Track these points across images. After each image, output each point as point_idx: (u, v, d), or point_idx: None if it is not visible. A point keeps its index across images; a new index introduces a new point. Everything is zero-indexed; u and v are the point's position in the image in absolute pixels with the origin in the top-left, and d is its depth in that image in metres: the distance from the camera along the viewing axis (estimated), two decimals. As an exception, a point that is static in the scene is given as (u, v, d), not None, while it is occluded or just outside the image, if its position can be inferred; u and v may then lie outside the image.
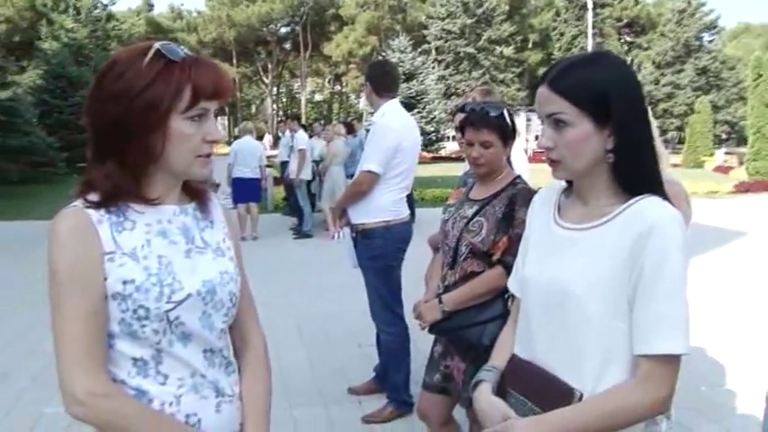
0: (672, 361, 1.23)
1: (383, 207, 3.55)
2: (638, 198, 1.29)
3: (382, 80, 3.70)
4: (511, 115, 2.39)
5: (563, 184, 1.46)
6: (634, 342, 1.24)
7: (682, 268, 1.24)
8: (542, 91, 1.31)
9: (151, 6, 55.26)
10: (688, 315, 1.24)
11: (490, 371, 1.49)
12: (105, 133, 1.19)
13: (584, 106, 1.27)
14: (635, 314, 1.24)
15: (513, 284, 1.57)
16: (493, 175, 2.37)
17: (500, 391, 1.43)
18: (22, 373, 4.24)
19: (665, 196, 1.31)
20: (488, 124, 2.31)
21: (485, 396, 1.43)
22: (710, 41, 41.99)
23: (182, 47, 1.22)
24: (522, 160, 3.42)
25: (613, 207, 1.31)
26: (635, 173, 1.30)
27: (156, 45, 1.19)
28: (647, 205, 1.28)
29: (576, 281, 1.28)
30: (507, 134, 2.35)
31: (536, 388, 1.35)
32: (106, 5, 36.17)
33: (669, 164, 2.14)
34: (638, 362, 1.24)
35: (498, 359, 1.51)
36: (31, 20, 40.00)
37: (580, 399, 1.27)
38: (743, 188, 16.67)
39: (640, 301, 1.24)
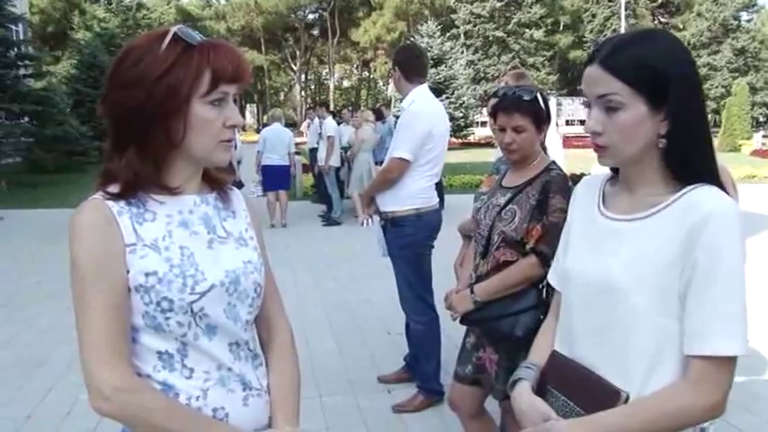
0: (727, 362, 1.14)
1: (413, 194, 3.50)
2: (691, 187, 1.20)
3: (412, 65, 3.63)
4: (545, 99, 2.31)
5: (608, 172, 1.38)
6: (686, 341, 1.16)
7: (740, 263, 1.15)
8: (593, 70, 1.21)
9: (181, -6, 55.74)
10: (746, 313, 1.15)
11: (529, 368, 1.41)
12: (125, 121, 1.16)
13: (639, 87, 1.17)
14: (687, 311, 1.16)
15: (552, 277, 1.50)
16: (526, 162, 2.30)
17: (540, 389, 1.36)
18: (57, 359, 4.31)
19: (720, 185, 1.21)
20: (520, 108, 2.22)
21: (524, 396, 1.35)
22: (749, 21, 40.89)
23: (196, 32, 1.19)
24: (557, 146, 3.34)
25: (664, 197, 1.22)
26: (690, 160, 1.21)
27: (174, 29, 1.16)
28: (702, 195, 1.18)
29: (624, 274, 1.20)
30: (541, 119, 2.27)
31: (579, 388, 1.27)
32: (136, -5, 36.60)
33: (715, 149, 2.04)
34: (690, 362, 1.16)
35: (537, 355, 1.43)
36: (63, 10, 40.78)
37: (626, 400, 1.19)
38: (782, 172, 16.22)
39: (694, 298, 1.15)
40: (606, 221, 1.30)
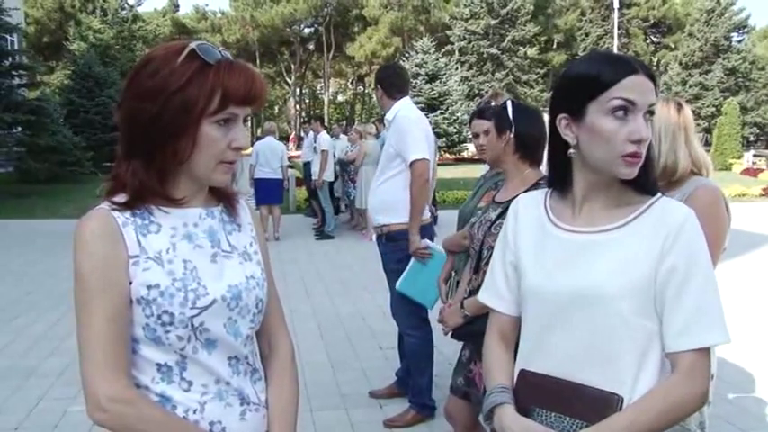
0: (708, 351, 1.23)
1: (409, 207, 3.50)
2: (655, 197, 1.29)
3: (394, 82, 3.66)
4: (516, 106, 2.35)
5: (544, 189, 1.44)
6: (672, 339, 1.22)
7: (710, 262, 1.25)
8: (645, 80, 1.23)
9: (177, 7, 55.86)
10: (722, 305, 1.24)
11: (504, 391, 1.35)
12: (135, 133, 1.17)
13: None
14: (670, 311, 1.22)
15: (493, 299, 1.48)
16: (497, 165, 2.47)
17: (520, 410, 1.32)
18: (48, 370, 4.29)
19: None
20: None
21: (515, 420, 1.29)
22: (740, 41, 41.18)
23: (221, 48, 1.18)
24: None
25: (632, 207, 1.28)
26: (648, 172, 1.29)
27: (192, 45, 1.16)
28: (669, 204, 1.28)
29: (610, 283, 1.24)
30: (501, 122, 2.36)
31: (571, 401, 1.26)
32: (132, 6, 36.70)
33: (712, 171, 2.11)
34: (679, 357, 1.22)
35: (503, 378, 1.39)
36: (59, 21, 40.80)
37: (620, 402, 1.22)
38: (772, 191, 16.34)
39: (676, 298, 1.22)
40: (572, 235, 1.32)
